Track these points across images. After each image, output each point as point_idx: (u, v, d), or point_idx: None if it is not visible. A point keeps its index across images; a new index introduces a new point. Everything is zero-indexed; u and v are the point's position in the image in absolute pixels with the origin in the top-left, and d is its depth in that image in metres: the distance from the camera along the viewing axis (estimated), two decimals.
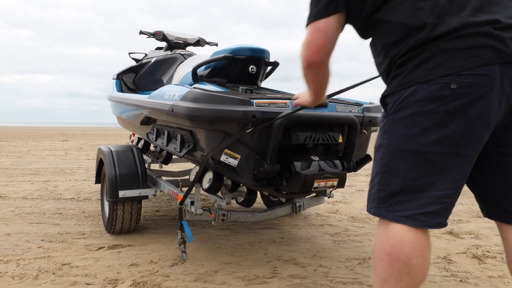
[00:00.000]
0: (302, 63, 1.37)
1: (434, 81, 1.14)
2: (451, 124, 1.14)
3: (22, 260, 2.41)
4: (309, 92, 1.56)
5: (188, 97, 1.94)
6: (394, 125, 1.23)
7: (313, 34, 1.31)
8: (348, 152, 2.22)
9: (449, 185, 1.20)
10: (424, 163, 1.19)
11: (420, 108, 1.16)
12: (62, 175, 5.92)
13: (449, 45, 1.13)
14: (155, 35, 3.68)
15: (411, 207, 1.21)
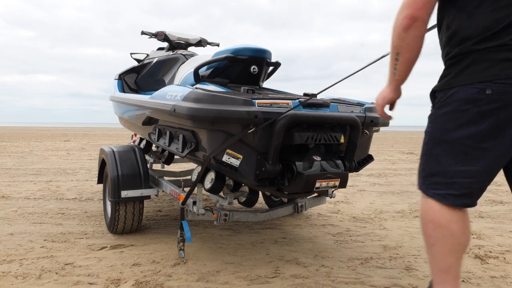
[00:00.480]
0: (403, 23, 1.44)
1: (472, 85, 1.37)
2: (483, 124, 1.37)
3: (25, 259, 2.42)
4: (395, 72, 1.56)
5: (190, 97, 1.95)
6: (437, 117, 1.48)
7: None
8: (350, 152, 2.22)
9: (477, 174, 1.43)
10: (457, 153, 1.43)
11: (459, 106, 1.40)
12: (64, 175, 5.93)
13: (489, 56, 1.35)
14: (156, 35, 3.68)
15: (443, 188, 1.47)
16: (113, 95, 3.64)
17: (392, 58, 1.54)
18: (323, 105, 2.17)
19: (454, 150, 1.44)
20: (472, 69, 1.37)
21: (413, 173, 6.81)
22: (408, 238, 2.99)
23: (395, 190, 5.11)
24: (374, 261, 2.50)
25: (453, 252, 1.50)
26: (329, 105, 2.20)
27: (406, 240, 2.95)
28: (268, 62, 2.76)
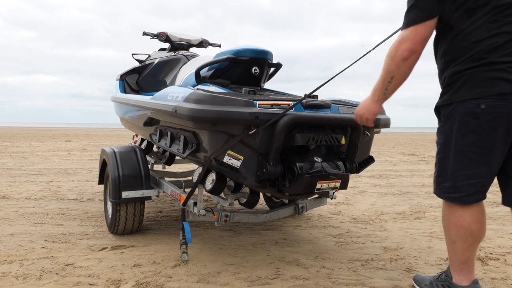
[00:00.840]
0: (403, 54, 1.66)
1: (469, 101, 1.62)
2: (482, 133, 1.62)
3: (25, 260, 2.42)
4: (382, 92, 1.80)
5: (191, 98, 1.95)
6: (444, 130, 1.73)
7: (418, 27, 1.64)
8: (351, 154, 2.22)
9: (482, 174, 1.69)
10: (463, 159, 1.69)
11: (461, 119, 1.65)
12: (65, 176, 5.93)
13: (483, 75, 1.60)
14: (158, 36, 3.69)
15: (454, 191, 1.73)
16: (114, 96, 3.64)
17: (386, 81, 1.75)
18: (324, 106, 2.17)
19: (460, 156, 1.69)
20: (468, 87, 1.62)
21: (414, 175, 6.80)
22: (409, 240, 2.98)
23: (396, 192, 5.11)
24: (374, 262, 2.49)
25: (472, 248, 1.79)
26: (330, 106, 2.20)
27: (407, 241, 2.94)
28: (270, 63, 2.76)
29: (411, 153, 11.82)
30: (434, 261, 2.55)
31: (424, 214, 3.86)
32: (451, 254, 1.86)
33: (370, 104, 1.87)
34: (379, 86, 1.79)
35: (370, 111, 1.89)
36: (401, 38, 1.67)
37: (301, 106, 2.11)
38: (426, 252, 2.72)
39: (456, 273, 1.87)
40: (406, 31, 1.67)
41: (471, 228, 1.75)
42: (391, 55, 1.69)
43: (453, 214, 1.78)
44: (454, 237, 1.80)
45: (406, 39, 1.65)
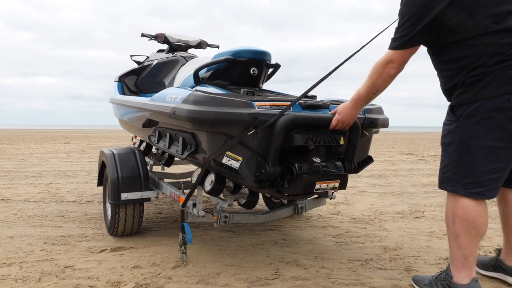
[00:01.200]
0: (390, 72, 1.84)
1: (498, 97, 1.69)
2: (510, 127, 1.70)
3: (24, 263, 2.42)
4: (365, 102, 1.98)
5: (190, 99, 1.95)
6: (465, 127, 1.77)
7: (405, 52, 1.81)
8: (350, 154, 2.22)
9: (503, 169, 1.78)
10: (488, 154, 1.75)
11: (488, 115, 1.71)
12: (64, 178, 5.93)
13: (507, 73, 1.68)
14: (156, 37, 3.68)
15: (477, 186, 1.79)
16: (113, 97, 3.64)
17: (371, 93, 1.92)
18: (323, 106, 2.18)
19: (485, 152, 1.75)
20: (495, 84, 1.70)
21: (413, 174, 6.81)
22: (408, 239, 2.99)
23: (395, 191, 5.11)
24: (374, 262, 2.50)
25: (475, 241, 1.84)
26: (328, 106, 2.21)
27: (406, 241, 2.95)
28: (268, 64, 2.76)
29: (410, 152, 11.83)
30: (434, 260, 2.55)
31: (423, 213, 3.87)
32: (453, 248, 1.89)
33: (352, 111, 2.04)
34: (363, 97, 1.96)
35: (352, 117, 2.07)
36: (389, 59, 1.83)
37: (300, 106, 2.11)
38: (425, 251, 2.72)
39: (457, 270, 1.90)
40: (394, 54, 1.82)
41: (475, 221, 1.82)
42: (378, 73, 1.86)
43: (459, 207, 1.83)
44: (458, 230, 1.85)
45: (394, 61, 1.83)
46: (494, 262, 2.24)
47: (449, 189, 1.87)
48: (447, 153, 1.87)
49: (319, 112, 2.15)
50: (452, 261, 1.93)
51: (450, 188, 1.87)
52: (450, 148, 1.84)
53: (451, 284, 1.91)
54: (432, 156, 10.46)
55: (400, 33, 1.81)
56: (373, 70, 1.89)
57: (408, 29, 1.78)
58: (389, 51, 1.85)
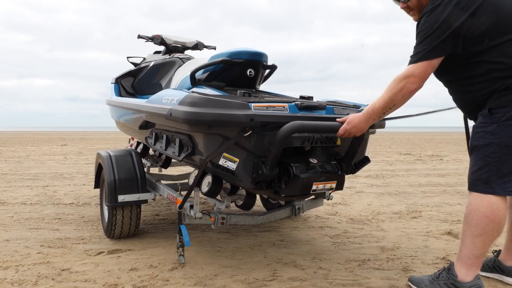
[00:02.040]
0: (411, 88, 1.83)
1: None
2: None
3: (21, 266, 2.41)
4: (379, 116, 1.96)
5: (186, 101, 1.95)
6: (505, 128, 1.81)
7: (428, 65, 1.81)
8: (349, 157, 2.20)
9: None
10: None
11: None
12: (61, 180, 5.91)
13: None
14: (153, 39, 3.68)
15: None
16: (109, 99, 3.63)
17: (387, 107, 1.90)
18: (319, 107, 2.18)
19: None
20: None
21: (410, 174, 6.82)
22: (405, 239, 2.99)
23: (393, 191, 5.12)
24: (371, 262, 2.50)
25: (491, 242, 1.89)
26: (325, 107, 2.21)
27: (403, 241, 2.95)
28: (265, 65, 2.76)
29: (408, 152, 11.86)
30: (431, 260, 2.55)
31: (420, 213, 3.87)
32: (468, 247, 1.91)
33: (363, 124, 1.99)
34: (378, 111, 1.93)
35: (361, 129, 2.02)
36: (411, 74, 1.83)
37: (296, 107, 2.11)
38: (422, 251, 2.72)
39: (464, 268, 1.92)
40: (415, 68, 1.82)
41: (501, 222, 1.86)
42: (398, 87, 1.85)
43: (489, 208, 1.85)
44: (482, 231, 1.87)
45: (415, 75, 1.82)
46: (492, 263, 2.27)
47: (485, 190, 1.87)
48: (482, 155, 1.87)
49: (316, 113, 2.15)
50: (461, 259, 1.94)
51: (487, 189, 1.87)
52: (487, 149, 1.85)
53: (457, 283, 1.92)
54: (429, 156, 10.49)
55: (422, 47, 1.82)
56: (392, 84, 1.88)
57: (431, 42, 1.80)
58: (410, 66, 1.85)
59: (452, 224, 3.44)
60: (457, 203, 4.38)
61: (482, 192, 1.88)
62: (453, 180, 6.08)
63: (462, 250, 1.94)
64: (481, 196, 1.88)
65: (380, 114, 1.95)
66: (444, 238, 3.03)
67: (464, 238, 1.93)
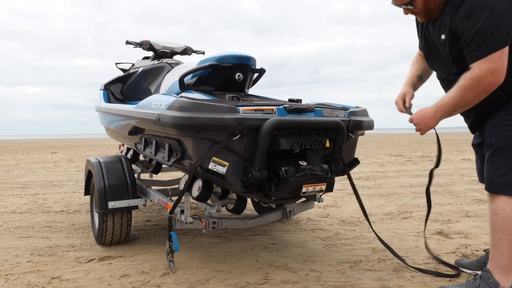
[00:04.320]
0: (490, 88, 1.73)
1: None
2: None
3: (10, 275, 2.38)
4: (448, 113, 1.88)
5: (175, 106, 1.95)
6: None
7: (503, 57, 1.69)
8: (336, 156, 2.24)
9: None
10: None
11: None
12: (51, 188, 5.86)
13: None
14: (141, 45, 3.68)
15: None
16: (98, 106, 3.62)
17: (458, 106, 1.82)
18: (308, 110, 2.19)
19: None
20: None
21: (401, 175, 6.87)
22: (396, 240, 3.01)
23: (384, 193, 5.15)
24: (363, 263, 2.51)
25: None
26: (313, 110, 2.22)
27: (394, 241, 2.97)
28: (253, 68, 2.77)
29: (398, 154, 11.94)
30: (422, 260, 2.57)
31: (411, 214, 3.90)
32: (508, 255, 1.85)
33: (430, 119, 1.93)
34: (448, 109, 1.86)
35: (427, 124, 1.96)
36: (488, 70, 1.69)
37: (285, 110, 2.12)
38: (413, 251, 2.74)
39: (504, 276, 1.88)
40: (491, 63, 1.68)
41: None
42: (473, 88, 1.74)
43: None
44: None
45: (493, 71, 1.69)
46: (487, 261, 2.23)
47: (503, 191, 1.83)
48: (508, 157, 1.81)
49: (304, 115, 2.16)
50: (500, 268, 1.88)
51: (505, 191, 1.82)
52: (508, 151, 1.80)
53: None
54: (419, 157, 10.57)
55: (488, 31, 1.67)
56: (465, 83, 1.76)
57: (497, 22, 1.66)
58: (483, 60, 1.70)
59: (442, 224, 3.47)
60: (447, 203, 4.42)
61: (510, 195, 1.82)
62: (443, 181, 6.13)
63: (500, 259, 1.87)
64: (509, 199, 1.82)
65: (450, 112, 1.87)
66: (435, 238, 3.05)
67: (501, 247, 1.86)
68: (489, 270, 1.93)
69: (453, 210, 4.04)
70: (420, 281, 2.23)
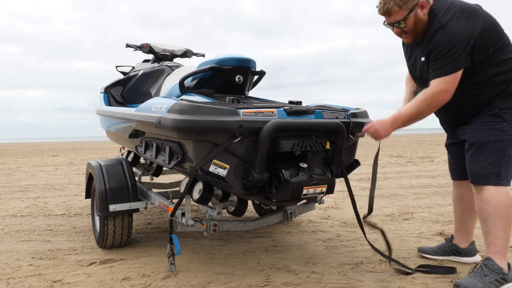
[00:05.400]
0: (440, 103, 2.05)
1: None
2: None
3: (12, 279, 2.39)
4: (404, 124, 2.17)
5: (175, 109, 1.95)
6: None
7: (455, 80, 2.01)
8: (336, 158, 2.24)
9: None
10: None
11: None
12: (52, 191, 5.86)
13: None
14: (141, 47, 3.68)
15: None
16: (99, 109, 3.62)
17: (414, 117, 2.12)
18: (308, 112, 2.19)
19: None
20: None
21: (402, 176, 6.86)
22: (398, 241, 3.01)
23: (385, 194, 5.15)
24: (364, 265, 2.51)
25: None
26: (313, 112, 2.22)
27: (396, 243, 2.97)
28: (253, 71, 2.78)
29: (399, 155, 11.94)
30: (423, 261, 2.57)
31: (412, 215, 3.90)
32: (503, 238, 2.03)
33: (388, 128, 2.19)
34: (405, 120, 2.14)
35: (386, 132, 2.21)
36: (442, 90, 2.01)
37: (285, 112, 2.13)
38: (415, 252, 2.74)
39: (503, 259, 2.06)
40: (445, 82, 2.00)
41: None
42: (428, 102, 2.05)
43: (510, 198, 2.02)
44: (507, 219, 2.02)
45: (447, 91, 2.01)
46: (449, 247, 2.57)
47: (497, 182, 2.03)
48: (494, 150, 2.03)
49: (305, 117, 2.16)
50: (498, 252, 2.05)
51: (498, 181, 2.03)
52: (500, 145, 2.03)
53: (505, 276, 2.04)
54: (420, 158, 10.57)
55: (448, 58, 1.99)
56: (422, 98, 2.07)
57: (456, 53, 1.97)
58: (440, 79, 2.01)
59: (443, 225, 3.46)
60: (448, 203, 4.42)
61: (494, 184, 2.03)
62: (444, 181, 6.13)
63: (498, 243, 2.04)
64: (498, 189, 2.03)
65: (406, 123, 2.16)
66: (436, 239, 3.05)
67: (497, 232, 2.03)
68: (490, 257, 2.07)
69: None
70: (421, 282, 2.23)
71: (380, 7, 2.17)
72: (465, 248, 2.53)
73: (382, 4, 2.15)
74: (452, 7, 2.05)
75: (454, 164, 2.47)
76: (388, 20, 2.19)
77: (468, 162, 2.15)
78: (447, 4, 2.08)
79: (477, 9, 2.04)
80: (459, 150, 2.35)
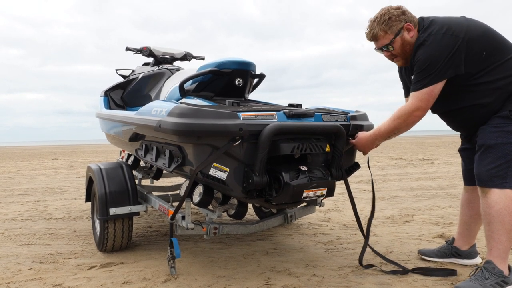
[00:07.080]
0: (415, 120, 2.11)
1: None
2: None
3: (12, 283, 2.38)
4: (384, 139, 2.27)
5: (175, 112, 1.95)
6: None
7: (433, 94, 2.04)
8: (336, 161, 2.24)
9: None
10: None
11: None
12: (52, 195, 5.86)
13: None
14: (141, 51, 3.69)
15: None
16: (99, 112, 3.63)
17: (392, 133, 2.20)
18: (308, 115, 2.20)
19: None
20: None
21: (402, 178, 6.86)
22: (398, 244, 3.00)
23: (385, 196, 5.15)
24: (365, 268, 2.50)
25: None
26: (313, 115, 2.23)
27: (396, 245, 2.96)
28: (253, 74, 2.78)
29: (399, 157, 11.94)
30: (424, 264, 2.57)
31: (412, 217, 3.90)
32: (506, 243, 2.03)
33: (370, 144, 2.31)
34: (384, 135, 2.23)
35: (369, 148, 2.34)
36: (416, 107, 2.07)
37: (285, 115, 2.13)
38: (415, 255, 2.74)
39: (504, 263, 2.05)
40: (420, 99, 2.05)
41: None
42: (403, 118, 2.12)
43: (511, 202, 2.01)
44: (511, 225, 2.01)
45: (419, 108, 2.06)
46: (449, 250, 2.57)
47: (502, 185, 2.01)
48: (501, 153, 2.02)
49: (304, 120, 2.17)
50: (500, 257, 2.04)
51: (503, 184, 2.01)
52: (508, 147, 2.01)
53: (506, 279, 2.04)
54: (420, 160, 10.57)
55: (424, 74, 2.03)
56: (398, 114, 2.13)
57: (434, 68, 2.01)
58: (415, 95, 2.06)
59: (444, 227, 3.46)
60: (449, 205, 4.41)
61: (499, 187, 2.01)
62: (444, 183, 6.13)
63: (500, 248, 2.04)
64: (503, 192, 2.00)
65: (385, 137, 2.24)
66: (437, 241, 3.05)
67: (499, 237, 2.03)
68: (491, 261, 2.06)
69: (455, 213, 4.03)
70: (422, 285, 2.23)
71: (367, 33, 2.24)
72: (466, 250, 2.53)
73: (368, 30, 2.23)
74: (432, 24, 2.09)
75: (465, 170, 2.45)
76: (377, 45, 2.25)
77: (475, 164, 2.13)
78: (428, 22, 2.12)
79: (460, 21, 2.06)
80: (472, 155, 2.28)
